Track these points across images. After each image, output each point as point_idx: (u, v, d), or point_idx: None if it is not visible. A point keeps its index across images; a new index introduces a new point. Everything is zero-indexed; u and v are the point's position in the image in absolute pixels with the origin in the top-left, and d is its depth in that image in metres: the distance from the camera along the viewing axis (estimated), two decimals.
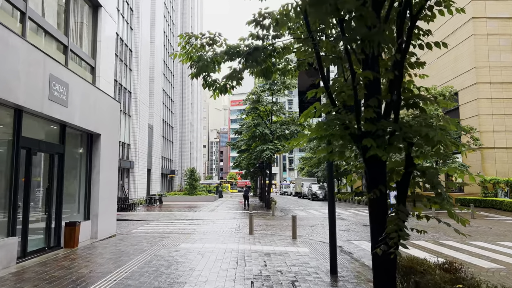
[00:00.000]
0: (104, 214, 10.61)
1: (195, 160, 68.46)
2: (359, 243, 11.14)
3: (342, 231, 13.87)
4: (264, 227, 15.11)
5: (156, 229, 14.38)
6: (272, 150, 23.88)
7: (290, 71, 6.21)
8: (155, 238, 11.05)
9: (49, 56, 7.82)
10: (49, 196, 8.47)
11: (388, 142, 3.97)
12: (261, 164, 29.70)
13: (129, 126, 31.78)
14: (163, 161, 45.82)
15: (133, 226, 15.78)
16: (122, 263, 7.51)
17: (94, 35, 10.88)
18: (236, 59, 4.97)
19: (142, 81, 34.02)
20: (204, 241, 10.65)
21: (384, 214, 4.23)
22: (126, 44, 31.44)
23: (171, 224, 16.18)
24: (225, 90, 5.35)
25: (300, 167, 73.72)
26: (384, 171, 4.28)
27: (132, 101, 32.28)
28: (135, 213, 22.04)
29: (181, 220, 17.88)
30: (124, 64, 30.82)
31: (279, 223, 16.69)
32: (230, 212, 22.76)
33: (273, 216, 20.14)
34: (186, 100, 60.04)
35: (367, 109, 3.90)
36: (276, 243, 10.35)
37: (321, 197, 39.66)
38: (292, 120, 25.56)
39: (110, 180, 11.11)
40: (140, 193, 32.81)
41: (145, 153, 35.03)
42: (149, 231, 13.71)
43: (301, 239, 11.47)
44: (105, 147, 10.65)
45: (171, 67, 51.63)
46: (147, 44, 36.51)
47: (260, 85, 25.24)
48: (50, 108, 7.75)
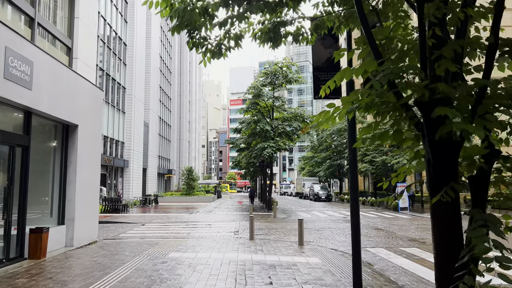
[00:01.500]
0: (82, 218, 9.16)
1: (194, 160, 66.98)
2: (376, 251, 9.70)
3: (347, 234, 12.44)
4: (266, 231, 13.67)
5: (146, 233, 12.94)
6: (274, 148, 22.43)
7: (305, 37, 4.78)
8: (142, 245, 9.60)
9: (4, 25, 6.37)
10: (9, 197, 7.02)
11: (471, 113, 2.54)
12: (262, 163, 28.26)
13: (123, 123, 30.33)
14: (160, 160, 44.36)
15: (121, 229, 14.32)
16: (92, 282, 6.06)
17: (71, 11, 9.43)
18: (235, 5, 3.53)
19: (137, 76, 32.57)
20: (198, 248, 9.20)
21: (459, 226, 2.78)
22: (120, 37, 29.99)
23: (164, 227, 14.73)
24: (219, 53, 3.91)
25: (301, 167, 72.27)
26: (457, 161, 2.83)
27: (126, 97, 30.83)
28: (127, 215, 20.58)
29: (175, 223, 16.43)
30: (118, 58, 29.38)
31: (281, 226, 15.25)
32: (228, 213, 21.32)
33: (275, 218, 18.70)
34: (184, 98, 58.57)
35: (441, 61, 2.46)
36: (281, 251, 8.91)
37: (323, 197, 38.22)
38: (294, 116, 24.10)
39: (90, 179, 9.66)
40: (135, 193, 31.36)
41: (141, 152, 33.58)
42: (138, 236, 12.26)
43: (309, 246, 10.04)
44: (83, 141, 9.19)
45: (168, 64, 50.16)
46: (143, 38, 35.05)
47: (261, 79, 23.77)
48: (5, 89, 6.30)
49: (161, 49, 45.73)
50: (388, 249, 9.92)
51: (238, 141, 27.31)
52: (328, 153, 42.94)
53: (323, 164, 45.24)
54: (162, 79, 46.49)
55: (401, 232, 13.37)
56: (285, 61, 23.88)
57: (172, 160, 51.29)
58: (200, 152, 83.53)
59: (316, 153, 47.25)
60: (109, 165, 26.89)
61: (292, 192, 60.02)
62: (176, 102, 54.13)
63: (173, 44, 53.04)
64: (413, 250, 9.76)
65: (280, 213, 21.63)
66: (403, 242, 11.03)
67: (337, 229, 14.28)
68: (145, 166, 36.38)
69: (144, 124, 35.40)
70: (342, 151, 40.63)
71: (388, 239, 11.71)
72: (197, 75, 74.56)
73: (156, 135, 40.64)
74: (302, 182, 48.15)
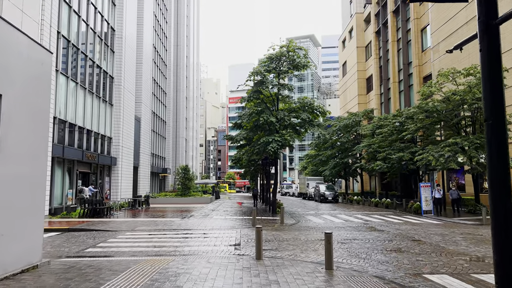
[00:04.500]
0: (11, 234, 6.19)
1: (191, 159, 63.97)
2: (439, 279, 6.75)
3: (389, 251, 9.50)
4: (276, 244, 10.70)
5: (120, 248, 9.97)
6: (279, 143, 19.43)
7: None
8: (101, 274, 6.63)
9: None
10: None
11: None
12: (265, 160, 25.27)
13: (111, 116, 27.33)
14: (153, 159, 41.35)
15: (92, 241, 11.35)
16: None
17: None
18: None
19: (127, 65, 29.56)
20: (181, 280, 6.25)
21: None
22: (107, 20, 26.98)
23: (147, 238, 11.77)
24: None
25: (303, 166, 69.14)
26: None
27: (114, 88, 27.83)
28: (108, 220, 17.62)
29: (162, 231, 13.47)
30: (104, 44, 26.37)
31: (293, 236, 12.28)
32: (227, 218, 18.36)
33: (283, 224, 15.71)
34: (181, 93, 55.54)
35: None
36: (306, 284, 5.97)
37: (330, 198, 35.25)
38: (302, 106, 21.11)
39: (26, 175, 6.69)
40: (125, 194, 28.37)
41: (131, 149, 30.57)
42: (108, 252, 9.29)
43: (341, 271, 7.10)
44: (12, 119, 6.22)
45: (163, 56, 47.13)
46: (134, 24, 32.03)
47: (265, 64, 20.73)
48: None
49: (155, 39, 42.72)
50: (456, 276, 6.96)
51: (238, 137, 24.28)
52: (334, 151, 39.98)
53: (328, 162, 42.26)
54: (156, 71, 43.48)
55: (449, 245, 10.41)
56: (292, 44, 20.89)
57: (168, 159, 48.26)
58: (198, 151, 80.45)
59: (320, 150, 44.27)
60: (93, 162, 23.90)
61: (294, 192, 57.09)
62: (172, 97, 51.10)
63: (168, 35, 50.02)
64: (490, 277, 6.83)
65: (288, 217, 18.67)
66: (467, 263, 8.08)
67: (365, 240, 11.32)
68: (137, 164, 33.39)
69: (135, 119, 32.41)
70: (349, 148, 37.69)
71: (441, 257, 8.76)
72: (195, 70, 71.50)
73: (149, 131, 37.63)
74: (306, 181, 45.16)
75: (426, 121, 21.86)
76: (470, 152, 18.17)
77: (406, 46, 38.92)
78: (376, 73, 45.26)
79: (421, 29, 35.92)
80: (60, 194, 20.16)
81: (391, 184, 36.19)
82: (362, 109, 43.42)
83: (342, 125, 37.79)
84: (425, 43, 35.56)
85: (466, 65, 22.86)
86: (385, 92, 43.23)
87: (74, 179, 21.66)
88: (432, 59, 31.77)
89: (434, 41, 31.75)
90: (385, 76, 43.25)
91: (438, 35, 31.17)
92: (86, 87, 23.07)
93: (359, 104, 48.13)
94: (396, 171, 27.97)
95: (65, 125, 20.39)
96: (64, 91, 20.54)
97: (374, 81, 45.36)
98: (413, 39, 36.36)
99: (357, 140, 38.67)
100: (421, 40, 36.12)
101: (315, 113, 21.36)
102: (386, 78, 43.03)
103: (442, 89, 21.12)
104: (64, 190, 20.55)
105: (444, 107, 20.42)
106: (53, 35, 18.34)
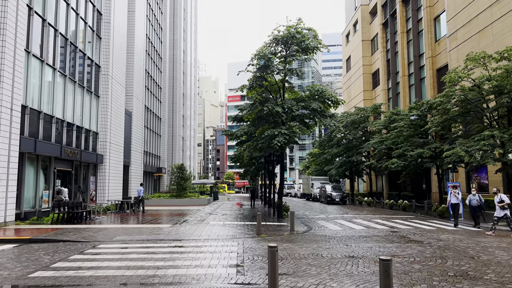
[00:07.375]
0: None
1: (189, 159, 61.23)
2: None
3: (455, 277, 6.79)
4: (292, 264, 7.96)
5: (78, 272, 7.22)
6: (287, 136, 16.72)
7: None
8: None
9: None
10: None
11: None
12: (269, 157, 22.58)
13: (97, 109, 24.58)
14: (147, 157, 38.61)
15: (48, 259, 8.60)
16: None
17: None
18: None
19: (116, 54, 26.82)
20: None
21: None
22: (92, 2, 24.23)
23: (122, 253, 9.03)
24: None
25: (305, 166, 66.40)
26: None
27: (101, 78, 25.08)
28: (86, 226, 14.89)
29: (146, 242, 10.75)
30: (89, 28, 23.63)
31: (312, 251, 9.53)
32: (226, 224, 15.63)
33: (294, 233, 12.97)
34: (178, 89, 52.77)
35: None
36: None
37: (337, 200, 32.58)
38: (312, 95, 18.42)
39: None
40: (113, 196, 25.61)
41: (121, 145, 27.82)
42: (52, 284, 6.56)
43: None
44: None
45: (158, 48, 44.39)
46: (124, 10, 29.29)
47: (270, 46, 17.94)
48: None
49: (149, 29, 39.99)
50: None
51: (238, 132, 21.54)
52: (341, 149, 37.28)
53: (334, 161, 39.57)
54: (151, 64, 40.74)
55: None
56: (300, 24, 18.18)
57: (163, 158, 45.50)
58: (196, 150, 77.70)
59: (325, 149, 41.56)
60: (75, 160, 21.16)
61: (296, 193, 54.40)
62: (167, 93, 48.36)
63: (164, 27, 47.28)
64: None
65: (297, 223, 15.95)
66: None
67: (409, 258, 8.57)
68: (127, 163, 30.64)
69: (126, 113, 29.66)
70: (357, 145, 35.02)
71: None
72: (193, 66, 68.79)
73: (141, 127, 34.88)
74: (310, 181, 42.44)
75: (452, 112, 19.20)
76: (510, 146, 15.54)
77: (417, 37, 36.35)
78: (383, 67, 42.68)
79: (434, 17, 33.26)
80: (32, 196, 17.40)
81: (400, 184, 33.45)
82: (368, 105, 40.79)
83: (349, 121, 35.13)
84: (439, 32, 32.95)
85: (490, 52, 20.20)
86: (393, 86, 40.65)
87: (51, 179, 18.91)
88: (449, 48, 29.10)
89: (450, 29, 29.07)
90: (393, 70, 40.70)
91: (455, 22, 28.49)
92: (66, 75, 20.30)
93: (364, 100, 45.56)
94: (412, 169, 25.33)
95: (39, 116, 17.64)
96: (38, 77, 17.80)
97: (381, 76, 42.81)
98: (425, 29, 33.70)
99: (365, 137, 36.02)
100: (434, 30, 33.47)
101: (327, 103, 18.69)
102: (394, 72, 40.47)
103: (470, 76, 18.49)
104: (38, 191, 17.79)
105: (475, 95, 17.75)
106: (21, 8, 15.64)
